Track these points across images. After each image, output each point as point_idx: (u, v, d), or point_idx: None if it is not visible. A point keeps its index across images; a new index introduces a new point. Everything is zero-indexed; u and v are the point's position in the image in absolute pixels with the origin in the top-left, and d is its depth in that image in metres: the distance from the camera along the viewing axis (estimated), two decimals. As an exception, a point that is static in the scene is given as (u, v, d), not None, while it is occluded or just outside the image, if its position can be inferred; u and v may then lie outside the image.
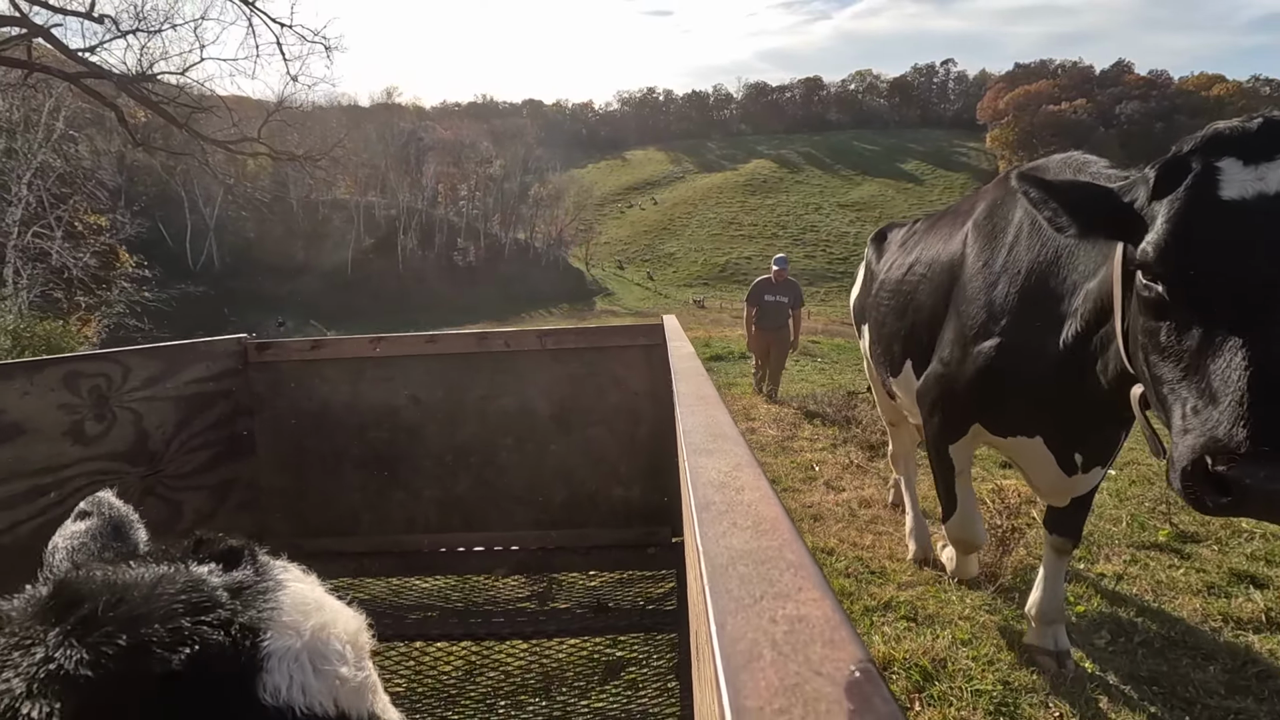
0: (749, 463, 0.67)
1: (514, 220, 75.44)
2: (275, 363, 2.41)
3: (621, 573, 2.33)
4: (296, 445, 2.42)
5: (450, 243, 66.67)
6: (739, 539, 0.48)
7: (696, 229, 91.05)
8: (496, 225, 73.95)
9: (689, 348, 1.69)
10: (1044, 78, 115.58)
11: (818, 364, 12.51)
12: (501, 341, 2.39)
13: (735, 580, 0.41)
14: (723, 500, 0.56)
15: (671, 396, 1.23)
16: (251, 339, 2.45)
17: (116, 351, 1.90)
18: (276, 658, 0.45)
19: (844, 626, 0.35)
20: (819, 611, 0.36)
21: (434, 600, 2.28)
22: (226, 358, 2.32)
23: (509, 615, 2.13)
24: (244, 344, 2.41)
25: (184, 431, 2.11)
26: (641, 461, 2.34)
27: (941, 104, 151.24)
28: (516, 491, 2.39)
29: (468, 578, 2.37)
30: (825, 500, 4.20)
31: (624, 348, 2.34)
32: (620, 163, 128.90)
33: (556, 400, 2.37)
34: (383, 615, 2.09)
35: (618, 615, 2.10)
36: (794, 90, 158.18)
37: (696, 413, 0.93)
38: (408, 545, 2.41)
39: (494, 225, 73.63)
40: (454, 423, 2.40)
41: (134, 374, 1.91)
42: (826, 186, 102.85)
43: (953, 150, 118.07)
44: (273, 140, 14.28)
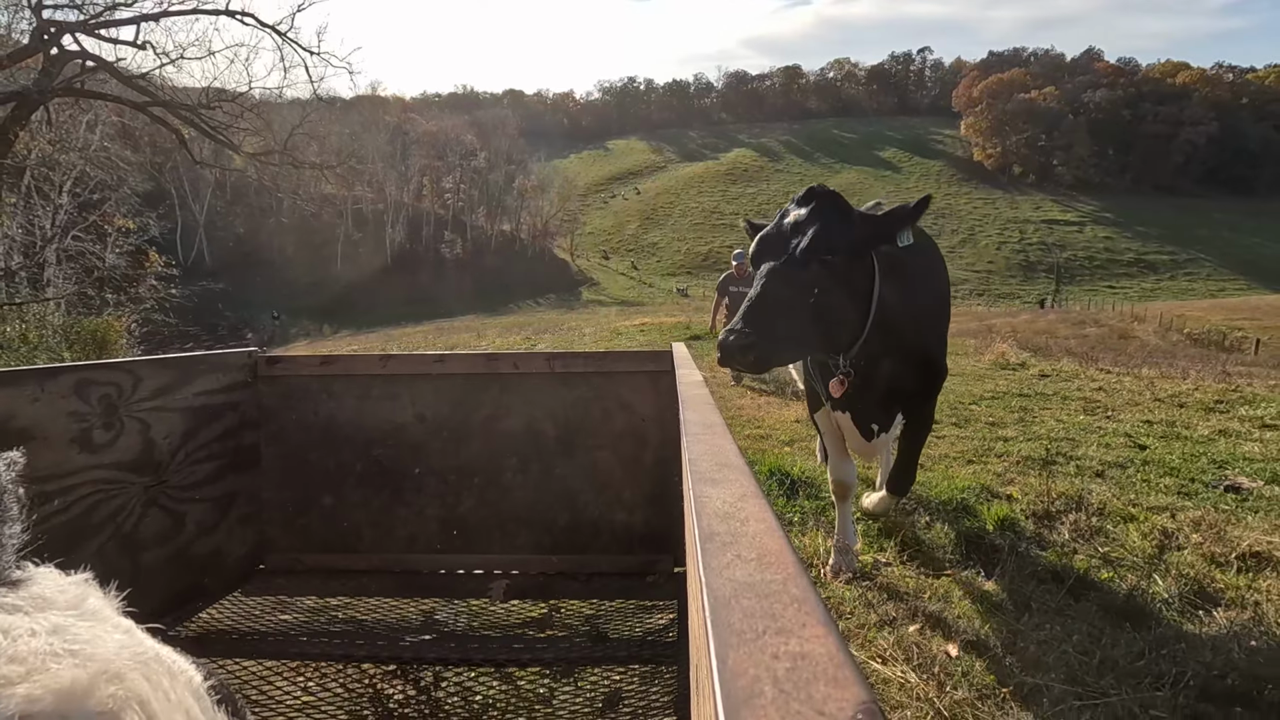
0: (754, 494, 0.67)
1: (499, 212, 76.29)
2: (284, 377, 2.43)
3: (622, 601, 2.27)
4: (301, 460, 2.43)
5: (437, 236, 67.50)
6: (742, 571, 0.47)
7: (679, 218, 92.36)
8: (482, 218, 74.79)
9: (697, 375, 1.73)
10: (1017, 65, 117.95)
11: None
12: (510, 363, 2.40)
13: (738, 614, 0.40)
14: (727, 531, 0.56)
15: (677, 424, 1.24)
16: (262, 353, 2.46)
17: (128, 361, 1.92)
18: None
19: (848, 666, 0.34)
20: (822, 649, 0.36)
21: (432, 622, 2.24)
22: (236, 370, 2.33)
23: (506, 641, 2.09)
24: (254, 357, 2.43)
25: (190, 443, 2.13)
26: (645, 488, 2.35)
27: (918, 92, 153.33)
28: (519, 513, 2.39)
29: (467, 601, 2.31)
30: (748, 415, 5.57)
31: (631, 373, 2.36)
32: (603, 153, 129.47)
33: (562, 423, 2.38)
34: (380, 636, 2.08)
35: (617, 645, 2.06)
36: (774, 79, 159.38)
37: (703, 441, 0.93)
38: (409, 565, 2.41)
39: (479, 218, 74.46)
40: (459, 442, 2.41)
41: (144, 384, 1.93)
42: (807, 175, 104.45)
43: (929, 138, 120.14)
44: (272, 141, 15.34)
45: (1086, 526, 3.21)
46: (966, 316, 39.48)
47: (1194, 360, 11.77)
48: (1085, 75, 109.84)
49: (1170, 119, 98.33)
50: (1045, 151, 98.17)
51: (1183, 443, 4.74)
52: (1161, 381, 7.31)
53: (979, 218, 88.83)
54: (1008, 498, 3.63)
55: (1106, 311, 37.41)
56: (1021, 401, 6.33)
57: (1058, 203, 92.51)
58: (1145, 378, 7.64)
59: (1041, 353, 11.03)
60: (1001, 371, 8.50)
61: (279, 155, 13.12)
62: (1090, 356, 10.73)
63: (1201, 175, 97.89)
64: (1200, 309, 34.20)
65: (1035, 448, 4.61)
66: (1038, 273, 75.50)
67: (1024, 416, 5.69)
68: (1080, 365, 8.86)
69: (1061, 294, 66.06)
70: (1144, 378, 7.64)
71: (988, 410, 5.95)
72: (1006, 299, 64.73)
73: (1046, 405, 6.17)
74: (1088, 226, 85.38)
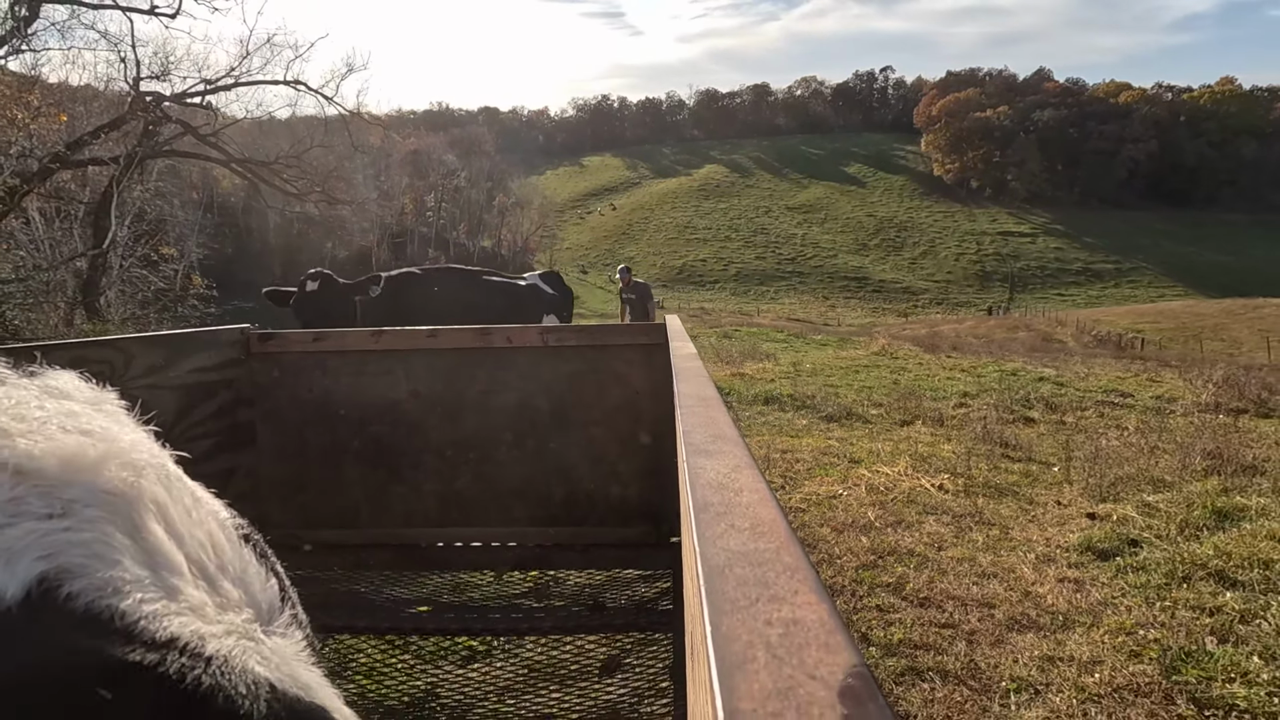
0: (748, 464, 0.67)
1: (480, 229, 78.58)
2: (277, 354, 2.41)
3: (618, 571, 2.29)
4: (297, 436, 2.42)
5: (421, 253, 69.44)
6: (736, 540, 0.48)
7: (654, 233, 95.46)
8: (463, 234, 76.96)
9: (691, 348, 1.73)
10: (973, 85, 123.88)
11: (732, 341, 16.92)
12: (504, 337, 2.40)
13: (731, 582, 0.41)
14: (721, 501, 0.56)
15: (672, 396, 1.25)
16: (254, 329, 2.42)
17: (121, 339, 1.90)
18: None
19: (839, 631, 0.35)
20: (814, 615, 0.37)
21: (431, 595, 2.23)
22: (229, 347, 2.31)
23: (505, 611, 2.09)
24: (247, 334, 2.40)
25: (184, 420, 2.10)
26: (640, 460, 2.34)
27: (882, 109, 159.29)
28: (515, 487, 2.38)
29: (465, 572, 2.33)
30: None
31: (625, 346, 2.36)
32: (578, 169, 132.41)
33: (557, 397, 2.37)
34: (380, 609, 2.08)
35: (614, 614, 2.07)
36: (744, 96, 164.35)
37: (697, 413, 0.93)
38: (406, 539, 2.41)
39: (461, 235, 76.63)
40: (454, 417, 2.40)
41: (137, 361, 1.89)
42: (775, 190, 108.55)
43: (892, 153, 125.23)
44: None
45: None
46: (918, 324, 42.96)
47: (1066, 353, 14.83)
48: (1035, 95, 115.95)
49: (1114, 136, 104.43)
50: (1000, 167, 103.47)
51: (912, 378, 8.21)
52: (960, 359, 11.08)
53: (939, 230, 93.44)
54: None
55: (1039, 318, 41.29)
56: (859, 369, 9.88)
57: (1012, 215, 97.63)
58: (952, 359, 11.11)
59: (930, 349, 14.11)
60: (872, 356, 11.77)
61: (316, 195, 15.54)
62: (967, 351, 13.87)
63: (1144, 189, 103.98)
64: (1116, 314, 38.15)
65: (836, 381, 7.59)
66: (993, 282, 79.97)
67: (852, 373, 9.12)
68: (931, 355, 12.12)
69: (1015, 302, 70.30)
70: (951, 359, 11.10)
71: (839, 373, 9.47)
72: (964, 307, 68.78)
73: (872, 370, 9.76)
74: (1040, 238, 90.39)
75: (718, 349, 13.25)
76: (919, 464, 4.97)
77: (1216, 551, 3.27)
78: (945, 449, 5.48)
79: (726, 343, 15.68)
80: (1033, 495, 4.43)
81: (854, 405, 7.01)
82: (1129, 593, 3.03)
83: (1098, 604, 2.95)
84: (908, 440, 5.76)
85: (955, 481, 4.57)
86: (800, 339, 17.45)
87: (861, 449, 5.51)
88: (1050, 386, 8.09)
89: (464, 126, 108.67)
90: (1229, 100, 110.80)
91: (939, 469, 4.86)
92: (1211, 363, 10.97)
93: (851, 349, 13.26)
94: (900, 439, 5.83)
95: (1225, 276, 75.34)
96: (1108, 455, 5.13)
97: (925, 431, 6.10)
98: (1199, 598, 2.90)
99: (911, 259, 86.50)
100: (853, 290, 77.11)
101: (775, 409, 6.78)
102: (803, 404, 6.89)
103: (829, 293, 76.07)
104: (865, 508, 4.09)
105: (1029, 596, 3.01)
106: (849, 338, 19.21)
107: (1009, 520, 3.97)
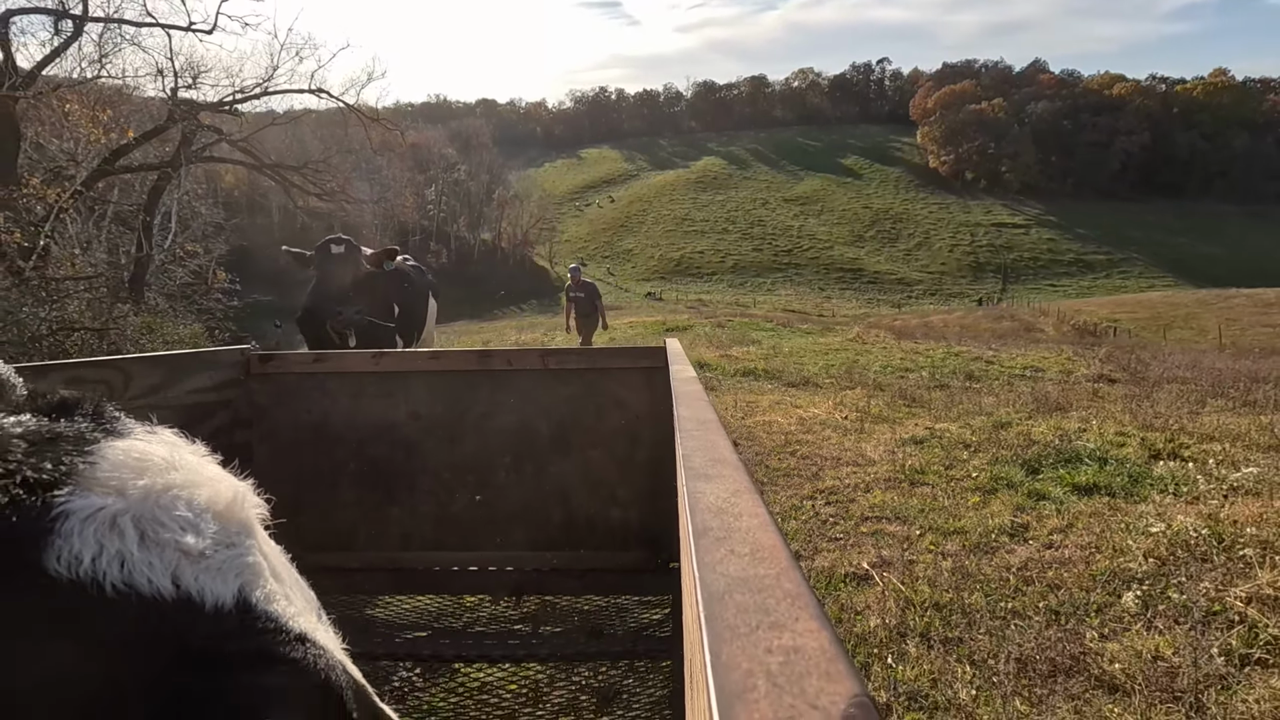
0: (748, 489, 0.67)
1: (480, 222, 79.63)
2: (277, 375, 2.41)
3: (616, 597, 2.28)
4: (294, 458, 2.39)
5: (423, 246, 70.55)
6: (736, 566, 0.48)
7: (652, 225, 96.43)
8: (464, 228, 78.03)
9: (691, 371, 1.74)
10: (968, 77, 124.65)
11: (724, 332, 18.21)
12: (503, 360, 2.39)
13: (731, 609, 0.41)
14: (720, 526, 0.56)
15: (671, 420, 1.25)
16: (254, 349, 2.43)
17: (120, 359, 1.90)
18: (77, 519, 0.37)
19: (841, 659, 0.35)
20: (815, 643, 0.36)
21: (427, 619, 2.23)
22: (228, 368, 2.31)
23: (501, 637, 2.09)
24: (247, 355, 2.39)
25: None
26: (639, 485, 2.33)
27: (878, 101, 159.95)
28: (513, 511, 2.37)
29: (462, 597, 2.31)
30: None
31: (625, 370, 2.36)
32: (576, 161, 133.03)
33: (556, 420, 2.37)
34: (374, 633, 2.10)
35: (611, 641, 2.07)
36: (741, 88, 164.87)
37: (696, 437, 0.93)
38: (403, 562, 2.40)
39: (461, 228, 77.70)
40: (453, 440, 2.39)
41: (135, 382, 1.87)
42: (773, 182, 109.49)
43: (889, 145, 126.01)
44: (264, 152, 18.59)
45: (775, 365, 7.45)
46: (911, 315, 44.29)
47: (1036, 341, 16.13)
48: (1030, 87, 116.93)
49: (1107, 129, 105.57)
50: (994, 159, 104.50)
51: (870, 358, 9.27)
52: (919, 344, 12.43)
53: (934, 222, 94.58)
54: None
55: (1025, 309, 42.60)
56: (830, 352, 11.22)
57: (1006, 207, 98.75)
58: (913, 344, 12.48)
59: (901, 335, 15.47)
60: (846, 342, 13.06)
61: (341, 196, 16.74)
62: (938, 339, 15.15)
63: (1136, 181, 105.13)
64: (1098, 304, 39.55)
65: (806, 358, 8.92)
66: (987, 273, 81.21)
67: (821, 355, 10.42)
68: (896, 341, 13.45)
69: (1008, 293, 71.56)
70: (912, 344, 12.44)
71: (811, 355, 10.76)
72: (957, 298, 70.00)
73: (841, 353, 11.18)
74: (1033, 229, 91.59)
75: (711, 336, 14.57)
76: (839, 408, 6.68)
77: (977, 441, 5.35)
78: (866, 402, 7.05)
79: (720, 331, 16.99)
80: (900, 420, 6.26)
81: (813, 376, 8.62)
82: (918, 455, 5.07)
83: (895, 456, 5.05)
84: (843, 397, 7.31)
85: (854, 415, 6.38)
86: (787, 328, 18.80)
87: (805, 400, 7.20)
88: (981, 364, 9.58)
89: (462, 119, 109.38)
90: (1221, 92, 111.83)
91: (851, 410, 6.56)
92: (1155, 348, 12.36)
93: (830, 336, 14.68)
94: (839, 397, 7.35)
95: (1216, 268, 76.53)
96: (968, 401, 6.90)
97: (861, 394, 7.64)
98: (948, 456, 5.02)
99: (906, 251, 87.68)
100: (848, 282, 78.30)
101: (750, 379, 8.26)
102: (773, 376, 8.33)
103: (825, 284, 77.26)
104: (791, 425, 6.03)
105: (862, 456, 5.06)
106: (832, 327, 20.60)
107: (876, 431, 5.85)
